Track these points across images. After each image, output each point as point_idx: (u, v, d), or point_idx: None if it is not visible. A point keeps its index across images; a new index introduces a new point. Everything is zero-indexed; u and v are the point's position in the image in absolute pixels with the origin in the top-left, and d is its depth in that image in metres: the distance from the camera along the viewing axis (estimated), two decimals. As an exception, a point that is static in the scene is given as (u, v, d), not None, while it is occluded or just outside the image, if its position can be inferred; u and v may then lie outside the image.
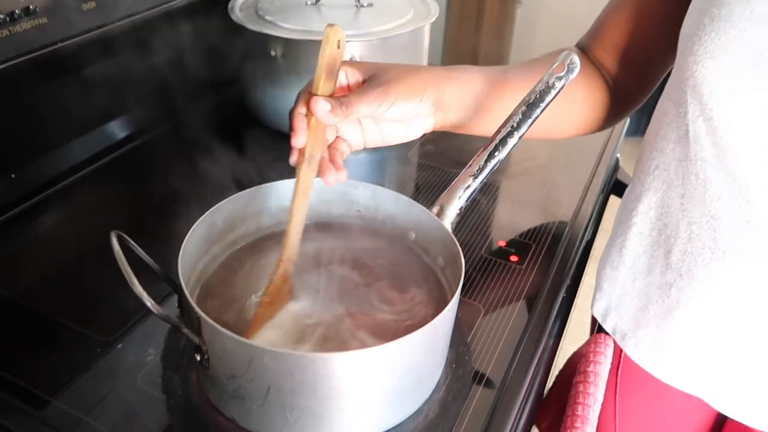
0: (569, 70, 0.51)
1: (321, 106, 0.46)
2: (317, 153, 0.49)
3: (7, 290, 0.59)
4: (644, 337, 0.56)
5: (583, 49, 0.64)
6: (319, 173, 0.49)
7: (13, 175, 0.69)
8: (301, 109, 0.48)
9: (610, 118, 0.64)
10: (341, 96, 0.49)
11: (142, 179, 0.76)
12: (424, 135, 0.57)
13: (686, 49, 0.45)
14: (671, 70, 0.51)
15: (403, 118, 0.53)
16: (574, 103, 0.61)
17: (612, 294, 0.59)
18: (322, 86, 0.47)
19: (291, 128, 0.48)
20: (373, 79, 0.51)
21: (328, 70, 0.47)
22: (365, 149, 0.56)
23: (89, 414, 0.47)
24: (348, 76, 0.52)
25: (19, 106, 0.69)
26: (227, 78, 0.87)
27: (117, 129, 0.82)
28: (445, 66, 0.57)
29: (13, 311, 0.57)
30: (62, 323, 0.55)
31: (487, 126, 0.56)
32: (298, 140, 0.47)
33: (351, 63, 0.52)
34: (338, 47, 0.46)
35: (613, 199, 0.83)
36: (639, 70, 0.61)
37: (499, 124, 0.53)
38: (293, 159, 0.48)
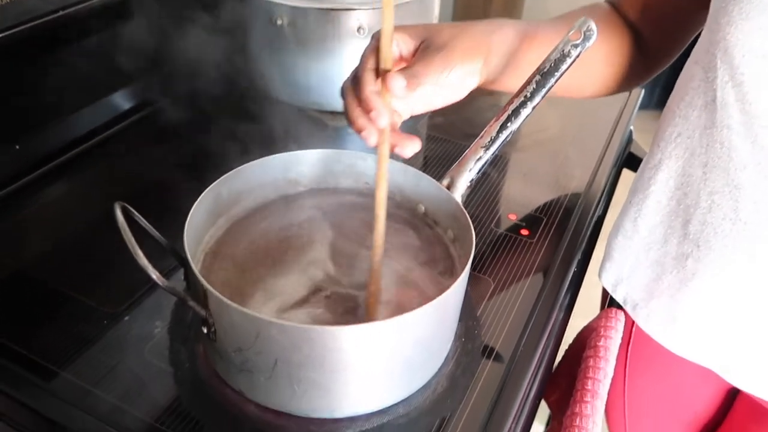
0: (585, 38, 0.50)
1: (398, 82, 0.44)
2: (389, 131, 0.46)
3: (15, 262, 0.59)
4: (657, 307, 0.56)
5: (613, 4, 0.62)
6: (392, 149, 0.46)
7: (17, 146, 0.69)
8: (374, 87, 0.45)
9: (634, 78, 0.62)
10: (408, 68, 0.47)
11: (148, 151, 0.75)
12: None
13: (719, 9, 0.43)
14: (699, 34, 0.49)
15: (458, 81, 0.51)
16: (596, 62, 0.59)
17: (624, 263, 0.58)
18: (390, 60, 0.45)
19: (367, 108, 0.45)
20: (428, 44, 0.49)
21: (391, 40, 0.44)
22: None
23: (97, 385, 0.47)
24: (399, 45, 0.50)
25: (22, 76, 0.68)
26: (233, 48, 0.86)
27: (122, 100, 0.81)
28: (482, 20, 0.55)
29: (20, 283, 0.57)
30: (69, 295, 0.55)
31: (514, 81, 0.54)
32: (382, 120, 0.44)
33: (402, 28, 0.49)
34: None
35: (626, 173, 0.82)
36: (668, 30, 0.59)
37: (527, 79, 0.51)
38: (373, 140, 0.46)
